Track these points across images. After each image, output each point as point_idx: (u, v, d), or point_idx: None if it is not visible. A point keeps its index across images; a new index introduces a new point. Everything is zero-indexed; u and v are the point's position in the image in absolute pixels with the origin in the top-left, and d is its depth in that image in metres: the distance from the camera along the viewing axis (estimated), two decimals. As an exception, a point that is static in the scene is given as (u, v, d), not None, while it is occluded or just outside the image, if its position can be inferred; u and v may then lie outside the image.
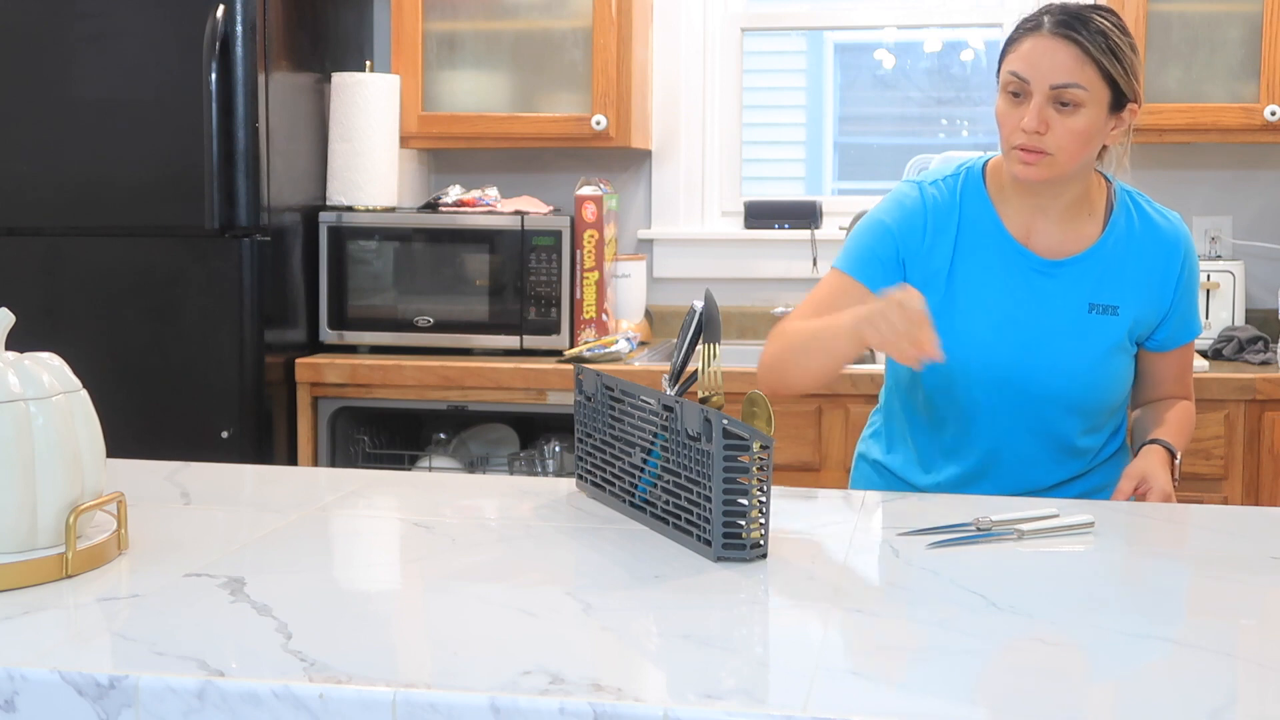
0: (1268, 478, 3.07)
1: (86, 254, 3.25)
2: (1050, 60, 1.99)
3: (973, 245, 2.11)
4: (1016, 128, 2.01)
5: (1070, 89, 1.99)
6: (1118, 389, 2.15)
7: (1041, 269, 2.10)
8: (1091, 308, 2.10)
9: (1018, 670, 1.26)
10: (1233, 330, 3.35)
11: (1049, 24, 2.01)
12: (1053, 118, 2.00)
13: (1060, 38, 1.99)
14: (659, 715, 1.11)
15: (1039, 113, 1.99)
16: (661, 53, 3.81)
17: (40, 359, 1.51)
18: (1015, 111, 2.02)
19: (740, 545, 1.57)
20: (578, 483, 1.91)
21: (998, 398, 2.09)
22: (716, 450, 1.55)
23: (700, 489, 1.59)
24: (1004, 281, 2.10)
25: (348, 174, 3.47)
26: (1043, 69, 1.99)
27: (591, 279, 3.41)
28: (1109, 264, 2.10)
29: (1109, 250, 2.11)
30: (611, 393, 1.80)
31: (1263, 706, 1.17)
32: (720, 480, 1.55)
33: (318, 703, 1.14)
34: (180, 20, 3.16)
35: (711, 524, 1.57)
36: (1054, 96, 1.99)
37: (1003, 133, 2.05)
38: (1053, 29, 2.00)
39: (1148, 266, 2.12)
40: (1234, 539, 1.76)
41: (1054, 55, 1.99)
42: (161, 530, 1.66)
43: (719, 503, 1.56)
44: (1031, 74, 2.00)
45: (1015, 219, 2.11)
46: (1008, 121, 2.03)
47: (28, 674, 1.18)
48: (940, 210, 2.13)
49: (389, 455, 3.53)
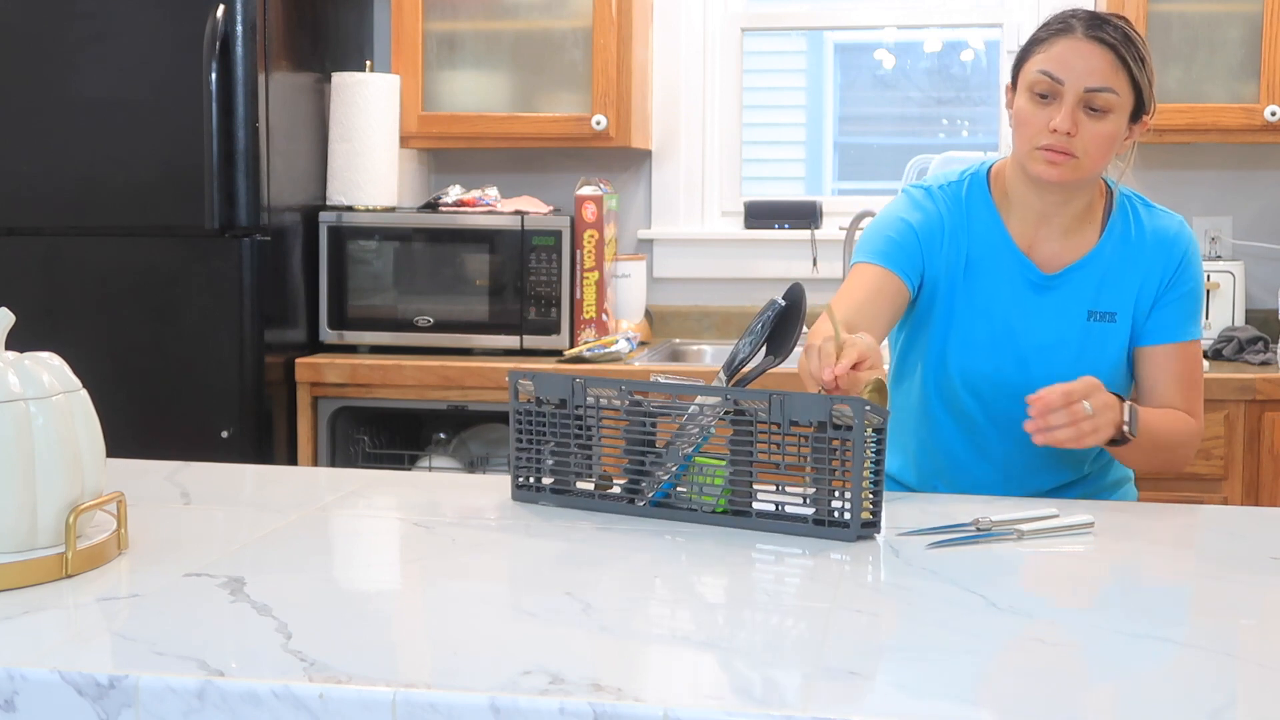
0: (1268, 478, 3.07)
1: (86, 254, 3.25)
2: (1086, 63, 1.98)
3: (981, 254, 2.10)
4: (1043, 128, 1.99)
5: (1103, 93, 1.98)
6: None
7: (1042, 283, 2.09)
8: (1090, 315, 2.08)
9: (1018, 670, 1.26)
10: (1233, 330, 3.35)
11: (1082, 27, 1.99)
12: (1082, 121, 1.98)
13: (1095, 41, 1.98)
14: (659, 715, 1.11)
15: (1072, 114, 1.98)
16: (661, 53, 3.81)
17: (40, 359, 1.51)
18: (1043, 112, 2.00)
19: (873, 524, 1.67)
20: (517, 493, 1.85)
21: (997, 408, 2.09)
22: (857, 435, 1.63)
23: (820, 474, 1.66)
24: (1008, 292, 2.09)
25: (348, 174, 3.47)
26: (1078, 70, 1.98)
27: (591, 279, 3.41)
28: (1106, 270, 2.09)
29: (1106, 256, 2.09)
30: (634, 397, 1.79)
31: (1263, 706, 1.17)
32: (861, 463, 1.63)
33: (318, 703, 1.14)
34: (180, 20, 3.16)
35: (851, 508, 1.64)
36: (1086, 100, 1.98)
37: (1025, 133, 2.02)
38: (1087, 32, 1.99)
39: (1144, 269, 2.09)
40: (1234, 539, 1.76)
41: (1089, 58, 1.98)
42: (161, 530, 1.66)
43: (858, 485, 1.63)
44: (1066, 74, 1.98)
45: (1020, 228, 2.10)
46: (1034, 121, 2.01)
47: (28, 674, 1.18)
48: (954, 216, 2.11)
49: (389, 455, 3.53)
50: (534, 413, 1.83)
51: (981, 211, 2.12)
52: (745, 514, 1.71)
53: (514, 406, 1.84)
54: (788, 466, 1.69)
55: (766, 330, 1.83)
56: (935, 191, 2.14)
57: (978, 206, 2.12)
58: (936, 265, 2.10)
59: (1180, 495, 2.79)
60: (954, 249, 2.10)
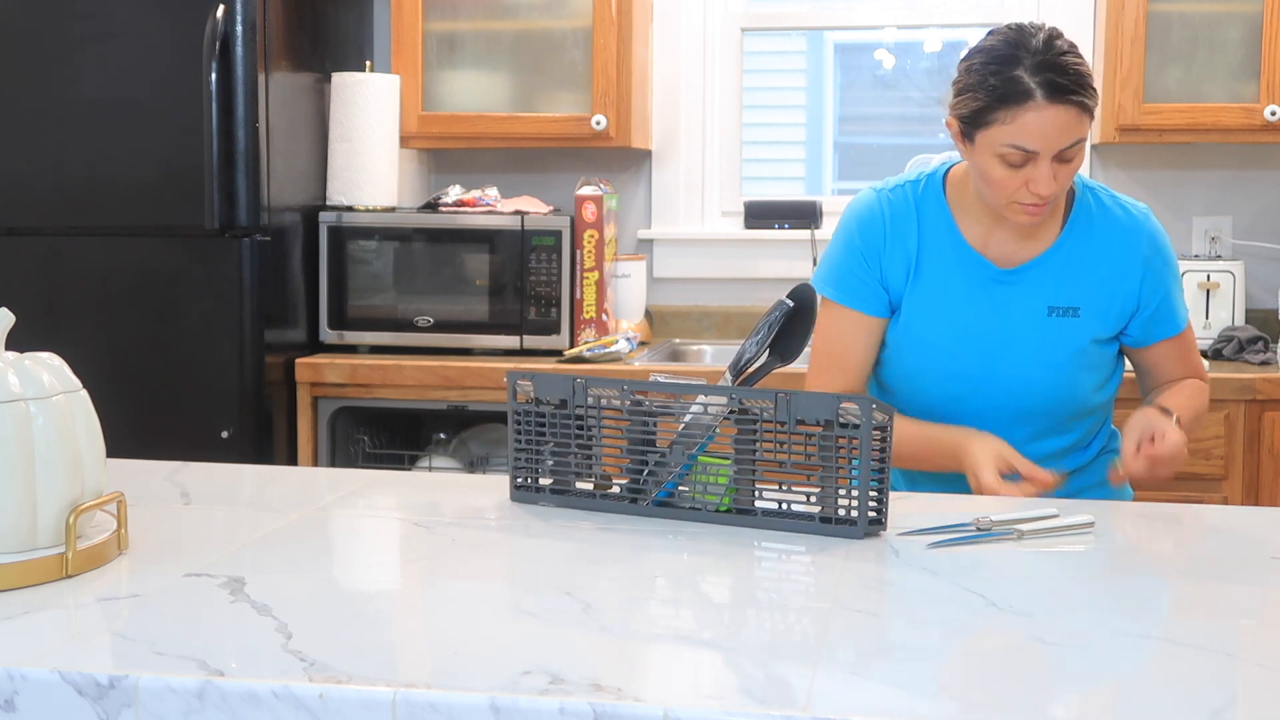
0: (1268, 478, 3.07)
1: (86, 254, 3.25)
2: (1056, 129, 1.95)
3: (931, 254, 2.11)
4: (1019, 188, 1.98)
5: (1074, 145, 1.97)
6: (1086, 390, 2.13)
7: (998, 278, 2.09)
8: (1051, 310, 2.09)
9: (1018, 670, 1.26)
10: (1233, 330, 3.35)
11: (1041, 91, 1.93)
12: (1058, 170, 1.98)
13: (1060, 104, 1.94)
14: (659, 715, 1.11)
15: (1052, 176, 1.97)
16: (661, 53, 3.81)
17: (40, 359, 1.51)
18: (1016, 175, 1.98)
19: (878, 522, 1.67)
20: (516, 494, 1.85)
21: (963, 406, 2.10)
22: (864, 433, 1.63)
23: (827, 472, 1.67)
24: (963, 290, 2.10)
25: (348, 174, 3.47)
26: (1051, 140, 1.95)
27: (591, 279, 3.41)
28: (1067, 265, 2.10)
29: (1066, 251, 2.10)
30: (634, 396, 1.79)
31: (1263, 706, 1.17)
32: (869, 460, 1.64)
33: (318, 703, 1.14)
34: (180, 20, 3.16)
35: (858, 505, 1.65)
36: (1060, 155, 1.97)
37: (1000, 191, 2.01)
38: (1049, 97, 1.93)
39: (1108, 262, 2.10)
40: (1234, 539, 1.76)
41: (1057, 123, 1.94)
42: (161, 530, 1.66)
43: (865, 483, 1.64)
44: (1039, 145, 1.95)
45: (973, 229, 2.11)
46: (1008, 185, 1.99)
47: (28, 674, 1.18)
48: (899, 217, 2.13)
49: (389, 455, 3.53)
50: (533, 413, 1.83)
51: (934, 212, 2.13)
52: (750, 513, 1.71)
53: (512, 407, 1.84)
54: (793, 465, 1.69)
55: (773, 331, 1.83)
56: (884, 194, 2.16)
57: (930, 207, 2.13)
58: (887, 272, 2.13)
59: (1180, 495, 2.79)
60: (898, 250, 2.12)
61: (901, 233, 2.12)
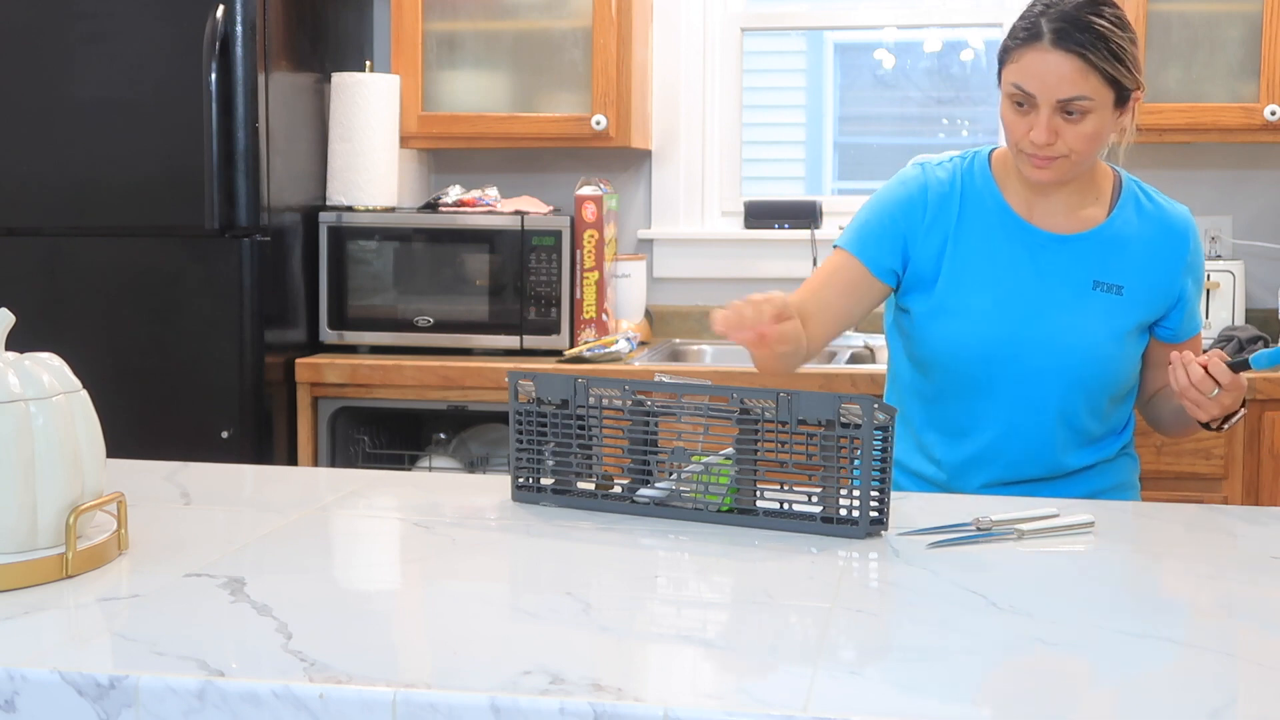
0: (1268, 478, 3.06)
1: (86, 254, 3.25)
2: (1055, 75, 1.97)
3: (974, 220, 2.13)
4: (1024, 135, 2.01)
5: (1076, 101, 1.98)
6: (1122, 374, 2.13)
7: (1045, 243, 2.10)
8: (1095, 285, 2.10)
9: (1018, 670, 1.26)
10: (1233, 330, 3.35)
11: (1049, 34, 1.97)
12: (1061, 126, 1.99)
13: (1062, 50, 1.96)
14: (659, 715, 1.11)
15: (1047, 125, 1.98)
16: (661, 53, 3.80)
17: (40, 359, 1.51)
18: (1022, 120, 2.01)
19: (879, 522, 1.68)
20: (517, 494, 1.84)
21: (1000, 372, 2.09)
22: (866, 434, 1.64)
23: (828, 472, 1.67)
24: (1006, 256, 2.11)
25: (348, 174, 3.46)
26: (1048, 84, 1.97)
27: (591, 279, 3.41)
28: (1115, 245, 2.11)
29: (1115, 231, 2.12)
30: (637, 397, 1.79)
31: (1263, 706, 1.17)
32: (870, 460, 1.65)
33: (318, 703, 1.14)
34: (180, 20, 3.16)
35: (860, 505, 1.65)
36: (1060, 107, 1.98)
37: (1010, 137, 2.05)
38: (1054, 40, 1.97)
39: (1155, 251, 2.12)
40: (1234, 539, 1.76)
41: (1058, 69, 1.97)
42: (161, 530, 1.66)
43: (867, 482, 1.64)
44: (1036, 88, 1.98)
45: (1018, 197, 2.13)
46: (1015, 129, 2.03)
47: (28, 674, 1.18)
48: (943, 187, 2.14)
49: (389, 455, 3.53)
50: (534, 413, 1.83)
51: (979, 181, 2.15)
52: (751, 513, 1.71)
53: (513, 407, 1.84)
54: (795, 465, 1.69)
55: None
56: (930, 166, 2.18)
57: (975, 178, 2.15)
58: (919, 238, 2.13)
59: (1180, 495, 2.79)
60: (940, 218, 2.13)
61: (943, 203, 2.13)
